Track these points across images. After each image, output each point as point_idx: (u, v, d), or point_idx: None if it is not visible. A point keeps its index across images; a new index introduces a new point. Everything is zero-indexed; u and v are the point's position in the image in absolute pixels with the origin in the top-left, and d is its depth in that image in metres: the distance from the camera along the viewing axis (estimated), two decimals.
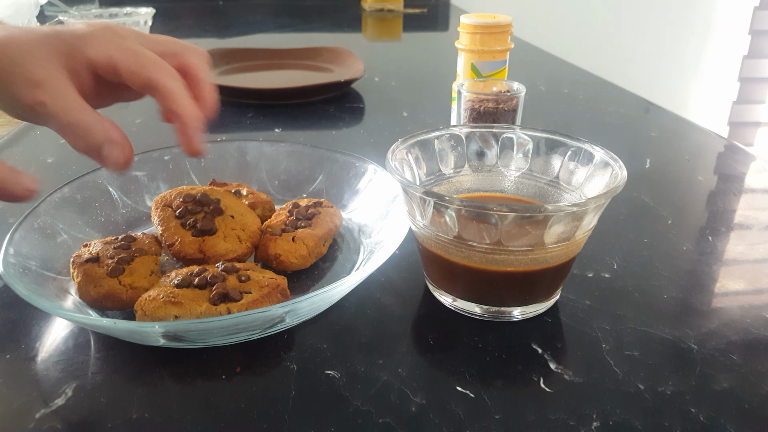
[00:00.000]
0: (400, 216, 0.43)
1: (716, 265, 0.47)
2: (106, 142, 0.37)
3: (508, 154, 0.46)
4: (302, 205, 0.48)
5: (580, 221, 0.36)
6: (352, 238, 0.48)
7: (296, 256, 0.43)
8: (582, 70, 1.07)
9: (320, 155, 0.53)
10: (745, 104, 1.61)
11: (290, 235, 0.44)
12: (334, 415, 0.32)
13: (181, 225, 0.42)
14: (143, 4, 1.27)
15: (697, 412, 0.32)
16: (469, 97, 0.61)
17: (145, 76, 0.37)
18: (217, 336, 0.35)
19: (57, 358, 0.36)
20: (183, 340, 0.34)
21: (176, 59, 0.40)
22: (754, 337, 0.38)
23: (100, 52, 0.38)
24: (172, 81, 0.38)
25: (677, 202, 0.57)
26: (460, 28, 0.69)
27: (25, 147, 0.69)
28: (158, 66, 0.38)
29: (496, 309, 0.39)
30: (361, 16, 1.67)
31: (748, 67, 1.57)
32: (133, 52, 0.38)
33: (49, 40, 0.38)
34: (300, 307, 0.34)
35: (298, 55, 1.05)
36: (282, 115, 0.81)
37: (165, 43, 0.41)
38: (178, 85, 0.38)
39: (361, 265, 0.43)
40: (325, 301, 0.37)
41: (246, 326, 0.34)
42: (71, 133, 0.37)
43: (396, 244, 0.39)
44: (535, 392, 0.34)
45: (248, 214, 0.44)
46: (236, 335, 0.35)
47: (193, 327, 0.33)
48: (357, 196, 0.50)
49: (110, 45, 0.38)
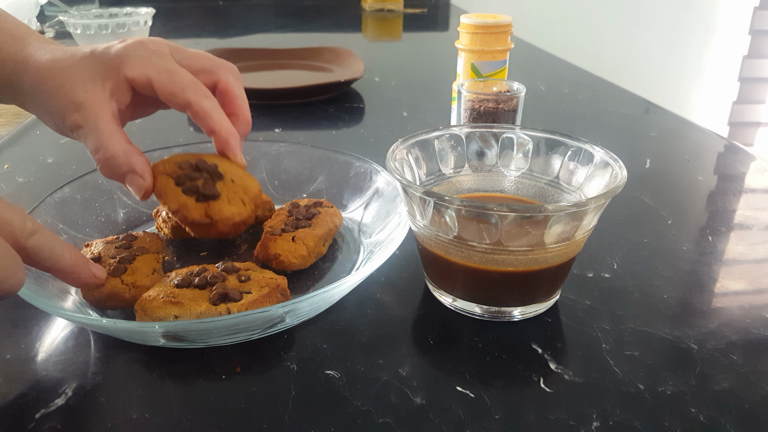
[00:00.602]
0: (400, 216, 0.43)
1: (716, 265, 0.47)
2: (128, 173, 0.39)
3: (508, 154, 0.46)
4: (302, 205, 0.48)
5: (580, 221, 0.36)
6: (352, 238, 0.48)
7: (296, 256, 0.43)
8: (582, 70, 1.07)
9: (320, 155, 0.53)
10: (745, 104, 1.61)
11: (290, 235, 0.44)
12: (334, 415, 0.32)
13: (183, 192, 0.40)
14: (143, 4, 1.27)
15: (697, 412, 0.32)
16: (469, 97, 0.61)
17: (183, 98, 0.40)
18: (217, 336, 0.35)
19: (57, 358, 0.36)
20: (183, 340, 0.34)
21: (210, 77, 0.42)
22: (754, 337, 0.38)
23: (137, 72, 0.39)
24: (207, 101, 0.40)
25: (677, 202, 0.57)
26: (460, 28, 0.69)
27: (25, 147, 0.69)
28: (194, 87, 0.40)
29: (496, 309, 0.39)
30: (361, 16, 1.67)
31: (748, 67, 1.57)
32: (168, 73, 0.40)
33: (89, 62, 0.40)
34: (300, 307, 0.34)
35: (298, 55, 1.05)
36: (282, 115, 0.81)
37: (199, 59, 0.43)
38: (213, 105, 0.41)
39: (361, 265, 0.43)
40: (326, 301, 0.37)
41: (246, 326, 0.34)
42: (98, 158, 0.39)
43: (396, 244, 0.39)
44: (535, 392, 0.34)
45: (247, 178, 0.43)
46: (236, 335, 0.35)
47: (193, 327, 0.33)
48: (357, 196, 0.50)
49: (147, 64, 0.40)
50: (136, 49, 0.40)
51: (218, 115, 0.40)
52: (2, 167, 0.63)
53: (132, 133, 0.70)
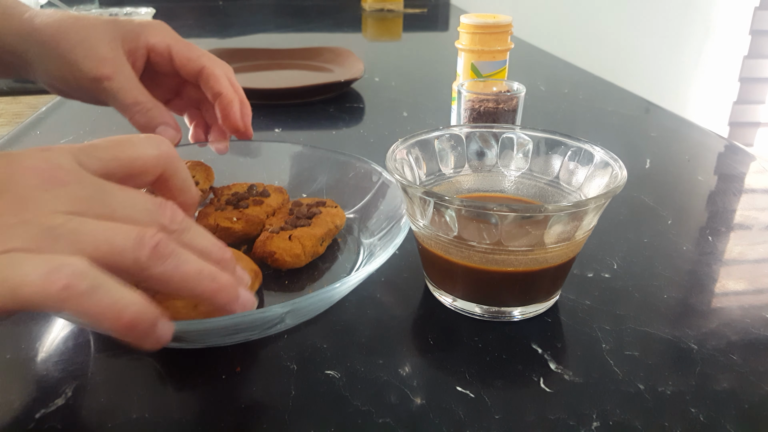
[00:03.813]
0: (400, 216, 0.43)
1: (716, 265, 0.47)
2: (162, 123, 0.43)
3: (508, 154, 0.46)
4: (304, 204, 0.48)
5: (580, 221, 0.36)
6: (353, 238, 0.48)
7: (290, 254, 0.43)
8: (582, 70, 1.07)
9: (321, 156, 0.53)
10: (745, 104, 1.61)
11: (287, 233, 0.44)
12: (334, 415, 0.32)
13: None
14: (143, 4, 1.27)
15: (697, 412, 0.32)
16: (469, 97, 0.61)
17: (198, 63, 0.45)
18: (216, 336, 0.35)
19: (57, 358, 0.36)
20: (182, 340, 0.34)
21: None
22: (754, 337, 0.38)
23: (159, 39, 0.45)
24: (219, 69, 0.46)
25: (677, 202, 0.57)
26: (460, 28, 0.69)
27: (25, 147, 0.69)
28: (208, 56, 0.46)
29: (496, 309, 0.39)
30: (361, 16, 1.67)
31: (748, 67, 1.57)
32: (186, 44, 0.46)
33: (112, 25, 0.45)
34: (300, 307, 0.34)
35: (298, 55, 1.05)
36: (282, 115, 0.81)
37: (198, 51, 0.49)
38: (225, 72, 0.47)
39: (361, 266, 0.43)
40: (326, 302, 0.37)
41: (245, 327, 0.34)
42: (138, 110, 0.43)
43: (396, 244, 0.39)
44: (535, 392, 0.34)
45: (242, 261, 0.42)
46: (235, 335, 0.35)
47: (192, 327, 0.32)
48: (357, 196, 0.50)
49: (168, 34, 0.46)
50: (157, 23, 0.47)
51: (226, 81, 0.45)
52: None
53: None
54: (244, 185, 0.50)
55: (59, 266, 0.22)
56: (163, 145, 0.30)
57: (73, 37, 0.42)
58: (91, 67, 0.41)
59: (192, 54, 0.45)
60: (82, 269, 0.23)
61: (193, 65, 0.44)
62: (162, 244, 0.25)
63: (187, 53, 0.45)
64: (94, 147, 0.28)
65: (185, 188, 0.32)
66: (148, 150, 0.29)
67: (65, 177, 0.25)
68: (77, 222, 0.24)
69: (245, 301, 0.29)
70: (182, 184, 0.32)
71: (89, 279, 0.23)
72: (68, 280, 0.22)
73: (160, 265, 0.25)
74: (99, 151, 0.28)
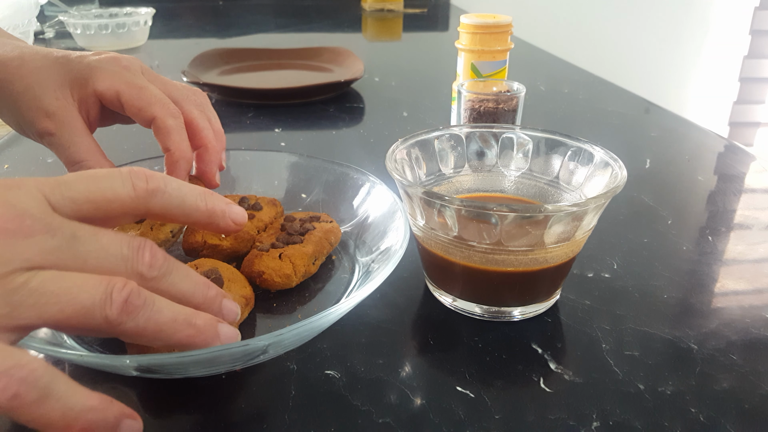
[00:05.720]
0: (398, 233, 0.40)
1: (716, 265, 0.47)
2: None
3: (508, 154, 0.46)
4: (297, 219, 0.45)
5: (580, 221, 0.36)
6: (347, 256, 0.46)
7: (280, 275, 0.40)
8: (582, 70, 1.07)
9: (318, 166, 0.50)
10: (745, 104, 1.61)
11: (278, 251, 0.41)
12: (334, 415, 0.32)
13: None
14: (143, 4, 1.27)
15: (697, 412, 0.32)
16: (469, 97, 0.61)
17: (148, 113, 0.39)
18: (194, 369, 0.32)
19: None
20: (159, 372, 0.32)
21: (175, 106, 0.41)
22: (754, 337, 0.38)
23: (108, 86, 0.39)
24: (172, 120, 0.39)
25: (677, 202, 0.57)
26: (460, 28, 0.69)
27: (25, 147, 0.69)
28: (161, 103, 0.40)
29: (496, 309, 0.39)
30: (361, 16, 1.67)
31: (748, 67, 1.57)
32: (137, 88, 0.39)
33: (60, 69, 0.40)
34: (282, 339, 0.30)
35: (298, 55, 1.05)
36: (282, 115, 0.81)
37: (168, 86, 0.42)
38: (178, 124, 0.40)
39: (355, 288, 0.41)
40: (312, 332, 0.34)
41: (225, 360, 0.31)
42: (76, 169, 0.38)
43: (392, 265, 0.36)
44: (535, 392, 0.34)
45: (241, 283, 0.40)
46: (216, 368, 0.32)
47: (168, 361, 0.29)
48: (353, 210, 0.48)
49: (117, 79, 0.39)
50: (108, 63, 0.40)
51: (178, 135, 0.39)
52: (2, 167, 0.64)
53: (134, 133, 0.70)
54: (236, 197, 0.47)
55: (9, 369, 0.20)
56: (140, 182, 0.27)
57: (17, 84, 0.38)
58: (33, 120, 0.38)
59: (142, 102, 0.39)
60: (35, 374, 0.21)
61: (144, 115, 0.39)
62: (132, 296, 0.24)
63: (137, 102, 0.39)
64: (67, 186, 0.25)
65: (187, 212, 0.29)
66: (123, 190, 0.26)
67: (32, 226, 0.23)
68: (39, 280, 0.23)
69: (226, 339, 0.27)
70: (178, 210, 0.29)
71: (40, 386, 0.21)
72: (18, 388, 0.20)
73: (131, 320, 0.24)
74: (72, 192, 0.25)
